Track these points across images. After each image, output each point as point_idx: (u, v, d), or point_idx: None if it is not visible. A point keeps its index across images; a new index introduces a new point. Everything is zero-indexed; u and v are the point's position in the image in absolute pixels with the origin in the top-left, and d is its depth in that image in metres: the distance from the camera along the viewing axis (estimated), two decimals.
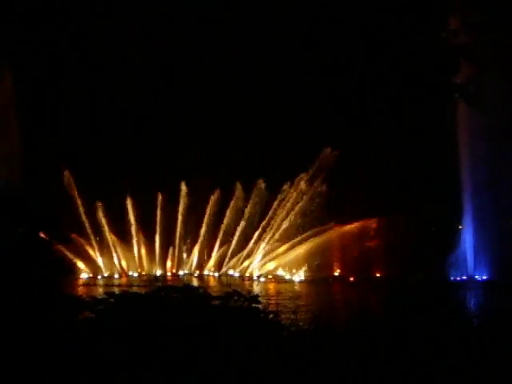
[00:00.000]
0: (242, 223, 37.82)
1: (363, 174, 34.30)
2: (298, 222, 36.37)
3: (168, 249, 38.85)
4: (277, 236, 36.83)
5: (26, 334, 7.94)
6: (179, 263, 39.32)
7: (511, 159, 32.29)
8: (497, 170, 33.05)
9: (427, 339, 8.14)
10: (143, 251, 38.80)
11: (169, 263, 38.82)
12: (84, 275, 35.93)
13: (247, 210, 37.92)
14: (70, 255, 35.11)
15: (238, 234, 37.91)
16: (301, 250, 35.58)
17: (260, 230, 37.43)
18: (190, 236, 38.96)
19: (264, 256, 37.02)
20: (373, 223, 35.23)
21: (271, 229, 37.16)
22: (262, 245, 37.01)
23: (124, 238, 38.18)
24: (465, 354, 7.81)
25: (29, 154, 33.77)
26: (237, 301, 8.79)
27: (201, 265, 39.04)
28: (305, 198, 36.68)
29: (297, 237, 36.10)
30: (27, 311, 8.60)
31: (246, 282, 34.31)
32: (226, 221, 38.22)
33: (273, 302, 21.20)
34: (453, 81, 14.84)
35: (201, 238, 38.73)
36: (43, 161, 34.85)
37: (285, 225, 36.71)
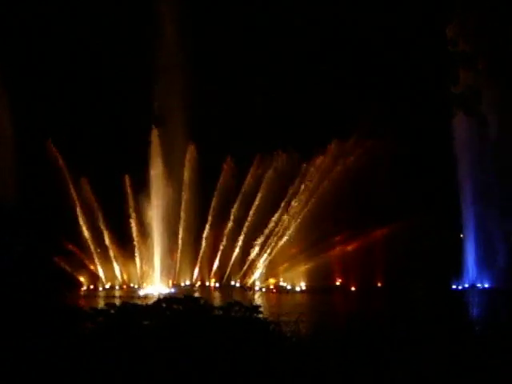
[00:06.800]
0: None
1: (364, 184, 34.22)
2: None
3: (169, 260, 38.67)
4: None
5: (27, 346, 7.92)
6: (180, 274, 39.14)
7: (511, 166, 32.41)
8: (497, 178, 33.19)
9: (430, 350, 8.11)
10: (144, 263, 38.58)
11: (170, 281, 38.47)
12: (85, 287, 35.80)
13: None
14: (69, 268, 34.98)
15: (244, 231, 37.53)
16: (302, 267, 35.57)
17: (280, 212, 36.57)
18: (192, 247, 38.79)
19: (265, 269, 36.93)
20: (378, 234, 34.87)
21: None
22: (264, 256, 36.86)
23: (125, 249, 38.01)
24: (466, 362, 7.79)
25: (23, 163, 33.86)
26: (238, 311, 8.77)
27: (202, 275, 38.87)
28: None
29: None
30: (29, 324, 8.58)
31: (248, 293, 34.21)
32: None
33: (274, 312, 21.14)
34: (452, 91, 14.84)
35: (202, 249, 38.59)
36: (39, 170, 34.73)
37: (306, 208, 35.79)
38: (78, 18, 36.97)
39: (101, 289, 36.27)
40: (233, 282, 37.74)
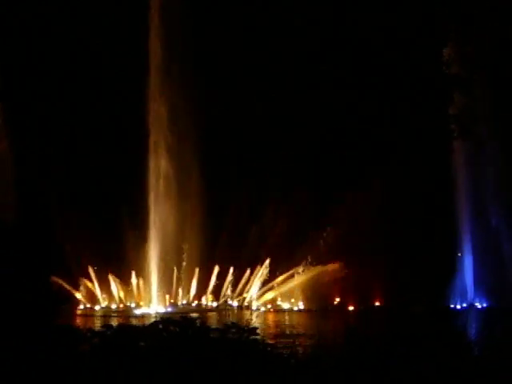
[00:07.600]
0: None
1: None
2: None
3: (166, 279, 38.42)
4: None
5: (23, 368, 7.87)
6: (177, 294, 38.90)
7: (509, 185, 32.55)
8: (494, 198, 33.32)
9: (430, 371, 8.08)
10: (141, 282, 38.31)
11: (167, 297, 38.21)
12: (82, 306, 35.59)
13: None
14: (67, 286, 34.66)
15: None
16: (299, 280, 35.34)
17: None
18: (189, 267, 38.54)
19: (262, 286, 36.72)
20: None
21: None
22: (260, 273, 36.64)
23: (122, 268, 37.74)
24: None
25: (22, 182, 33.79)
26: (235, 333, 8.71)
27: (199, 295, 38.61)
28: None
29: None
30: (24, 344, 8.52)
31: (245, 313, 33.98)
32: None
33: (272, 333, 21.02)
34: (447, 112, 14.87)
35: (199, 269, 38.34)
36: (37, 189, 34.62)
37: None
38: (78, 17, 37.07)
39: (97, 307, 36.04)
40: (230, 302, 37.53)
